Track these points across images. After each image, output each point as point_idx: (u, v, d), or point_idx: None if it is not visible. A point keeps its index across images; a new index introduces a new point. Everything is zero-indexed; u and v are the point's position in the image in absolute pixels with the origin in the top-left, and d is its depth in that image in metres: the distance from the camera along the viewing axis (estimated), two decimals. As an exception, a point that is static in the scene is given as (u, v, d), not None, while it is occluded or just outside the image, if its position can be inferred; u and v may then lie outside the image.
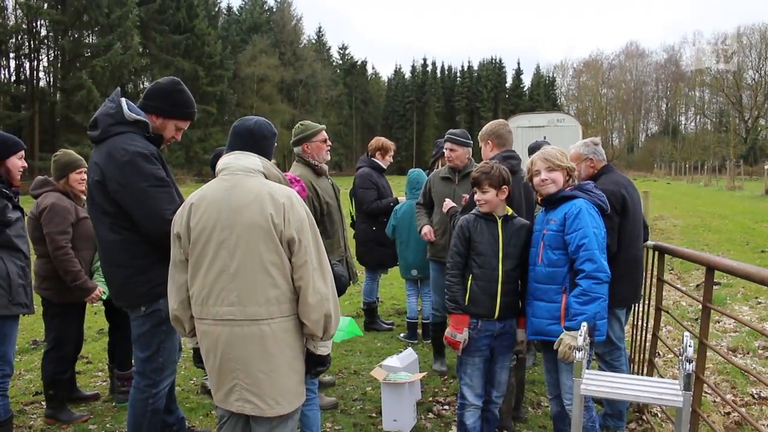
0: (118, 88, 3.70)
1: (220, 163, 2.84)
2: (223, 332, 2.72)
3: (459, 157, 5.31)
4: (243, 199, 2.68)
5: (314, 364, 2.88)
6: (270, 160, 2.90)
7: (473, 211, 3.77)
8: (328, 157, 4.73)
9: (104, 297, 4.61)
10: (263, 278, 2.66)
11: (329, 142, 4.74)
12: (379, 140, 7.04)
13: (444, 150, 5.45)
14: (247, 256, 2.65)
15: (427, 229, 5.40)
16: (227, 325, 2.71)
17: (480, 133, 4.69)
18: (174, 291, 2.88)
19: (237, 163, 2.78)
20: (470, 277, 3.64)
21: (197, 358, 3.02)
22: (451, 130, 5.54)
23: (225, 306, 2.70)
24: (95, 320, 7.55)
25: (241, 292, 2.67)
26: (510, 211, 3.74)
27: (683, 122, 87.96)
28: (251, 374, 2.73)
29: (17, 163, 3.91)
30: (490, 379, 3.80)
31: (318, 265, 2.73)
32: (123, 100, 3.44)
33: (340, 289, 3.16)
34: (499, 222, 3.66)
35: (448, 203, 5.02)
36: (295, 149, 4.64)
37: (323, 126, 4.70)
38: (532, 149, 4.89)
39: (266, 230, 2.63)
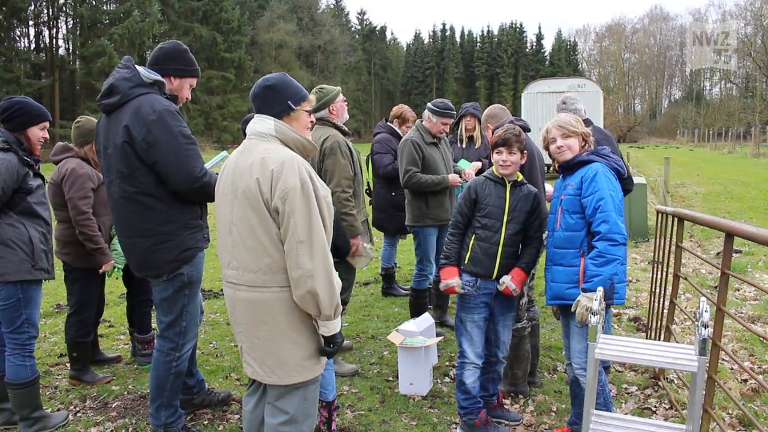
0: (128, 56, 3.75)
1: (248, 128, 2.87)
2: (230, 294, 2.79)
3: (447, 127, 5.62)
4: (243, 164, 2.68)
5: (324, 342, 2.76)
6: (281, 117, 2.77)
7: (485, 173, 3.80)
8: (348, 116, 4.75)
9: (119, 268, 4.70)
10: (255, 245, 2.64)
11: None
12: (402, 108, 7.00)
13: (434, 118, 5.50)
14: (243, 222, 2.66)
15: (453, 177, 5.45)
16: (232, 288, 2.76)
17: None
18: None
19: (253, 127, 2.79)
20: (473, 237, 3.71)
21: None
22: (441, 100, 5.68)
23: (231, 269, 2.75)
24: (116, 285, 7.62)
25: (240, 257, 2.69)
26: (520, 177, 3.75)
27: (707, 87, 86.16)
28: (250, 339, 2.76)
29: (38, 133, 3.92)
30: (494, 340, 3.88)
31: (306, 237, 2.54)
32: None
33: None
34: (509, 186, 3.69)
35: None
36: (320, 113, 4.59)
37: (339, 87, 4.73)
38: None
39: (255, 197, 2.60)
